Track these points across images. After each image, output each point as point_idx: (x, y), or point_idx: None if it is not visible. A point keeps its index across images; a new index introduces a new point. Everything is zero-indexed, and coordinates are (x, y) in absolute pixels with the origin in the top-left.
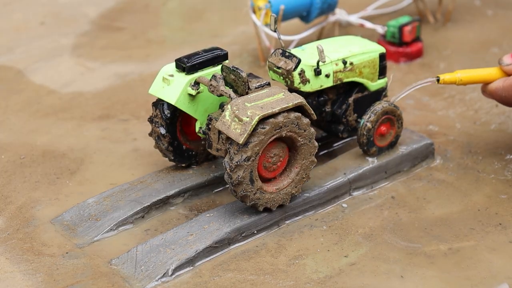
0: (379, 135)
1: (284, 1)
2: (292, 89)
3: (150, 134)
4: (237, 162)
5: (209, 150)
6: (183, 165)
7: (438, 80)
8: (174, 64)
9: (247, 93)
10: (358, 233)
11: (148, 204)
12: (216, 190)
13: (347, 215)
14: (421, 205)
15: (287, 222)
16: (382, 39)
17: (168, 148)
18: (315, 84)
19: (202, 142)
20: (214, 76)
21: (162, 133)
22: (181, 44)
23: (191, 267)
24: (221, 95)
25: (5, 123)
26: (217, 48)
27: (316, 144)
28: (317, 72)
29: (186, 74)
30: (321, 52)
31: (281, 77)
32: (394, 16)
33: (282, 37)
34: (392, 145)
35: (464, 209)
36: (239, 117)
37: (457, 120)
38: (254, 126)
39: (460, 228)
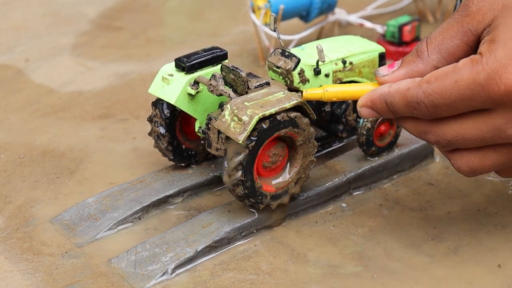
0: (379, 134)
1: (283, 0)
2: (291, 89)
3: (150, 134)
4: (236, 162)
5: (208, 149)
6: (183, 164)
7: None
8: (173, 63)
9: (246, 93)
10: (357, 233)
11: (148, 203)
12: (215, 190)
13: (346, 214)
14: (421, 205)
15: (286, 221)
16: (381, 39)
17: (168, 147)
18: (314, 84)
19: (202, 142)
20: (213, 76)
21: (162, 132)
22: (180, 43)
23: (191, 267)
24: (220, 94)
25: (4, 123)
26: (216, 48)
27: (316, 143)
28: (317, 72)
29: (185, 73)
30: (320, 51)
31: (281, 77)
32: (394, 16)
33: (282, 36)
34: (392, 144)
35: (464, 209)
36: (238, 117)
37: None
38: (253, 126)
39: (460, 228)
